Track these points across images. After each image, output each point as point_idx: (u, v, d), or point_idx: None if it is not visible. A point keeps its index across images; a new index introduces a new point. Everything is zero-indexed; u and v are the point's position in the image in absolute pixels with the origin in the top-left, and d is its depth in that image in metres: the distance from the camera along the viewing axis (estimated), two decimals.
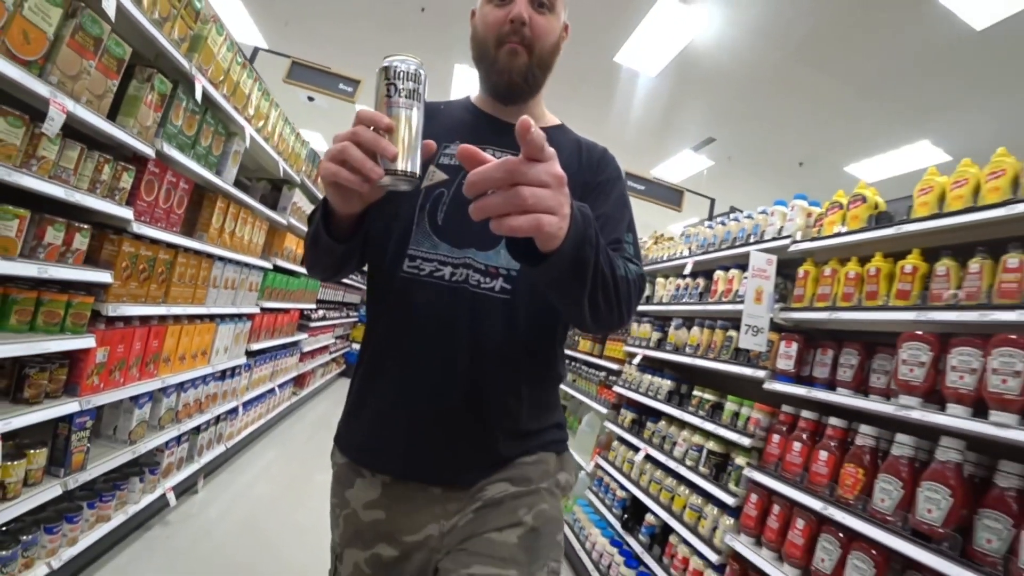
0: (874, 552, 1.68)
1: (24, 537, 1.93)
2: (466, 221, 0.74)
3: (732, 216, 3.11)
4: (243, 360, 3.71)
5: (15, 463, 1.78)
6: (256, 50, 5.05)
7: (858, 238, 2.00)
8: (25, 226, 1.56)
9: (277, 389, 4.91)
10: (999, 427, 1.41)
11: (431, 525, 1.00)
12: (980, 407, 1.51)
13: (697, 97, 6.95)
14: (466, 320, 0.99)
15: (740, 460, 2.32)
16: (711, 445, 2.53)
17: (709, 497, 2.47)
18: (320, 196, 3.87)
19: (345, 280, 7.81)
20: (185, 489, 3.26)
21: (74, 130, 1.69)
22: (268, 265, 3.78)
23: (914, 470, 1.64)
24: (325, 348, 7.15)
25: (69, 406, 1.94)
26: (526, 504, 1.00)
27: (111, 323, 2.14)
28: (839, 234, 2.11)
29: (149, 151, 2.01)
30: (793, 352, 2.16)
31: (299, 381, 5.96)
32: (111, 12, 1.58)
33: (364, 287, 8.48)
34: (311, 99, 8.02)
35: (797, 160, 8.29)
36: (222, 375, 3.46)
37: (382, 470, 1.04)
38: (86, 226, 1.83)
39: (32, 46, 1.43)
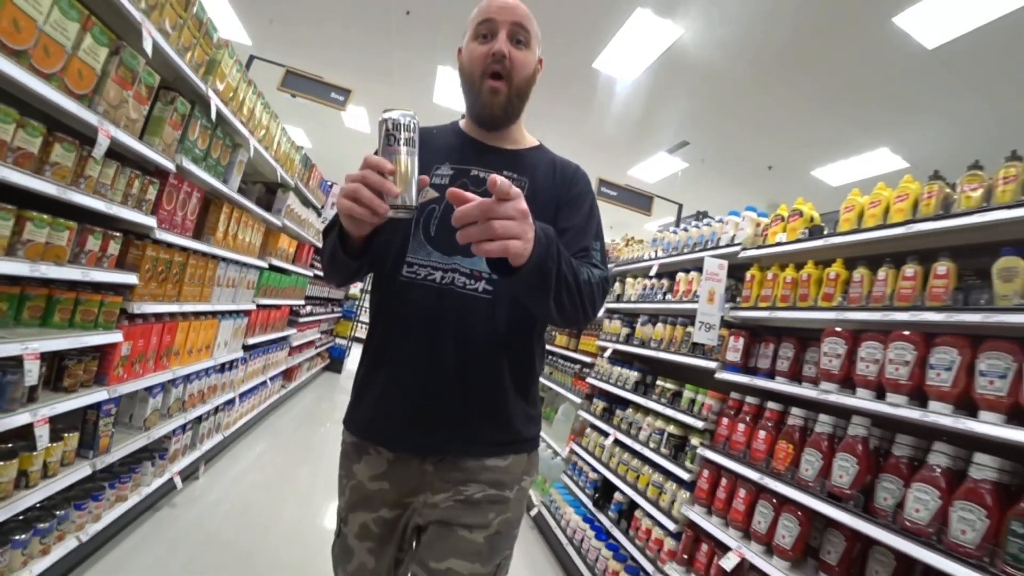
0: (800, 513, 2.00)
1: (58, 512, 2.15)
2: (454, 232, 0.97)
3: (696, 223, 3.42)
4: (240, 354, 3.93)
5: (55, 445, 2.01)
6: (252, 58, 5.21)
7: (793, 248, 2.32)
8: (73, 236, 1.79)
9: (268, 382, 5.12)
10: (893, 407, 1.73)
11: (422, 495, 1.21)
12: (881, 391, 1.83)
13: (671, 102, 7.25)
14: (453, 316, 1.17)
15: (695, 441, 2.64)
16: (671, 429, 2.85)
17: (669, 474, 2.78)
18: (311, 198, 4.08)
19: None
20: (189, 475, 3.48)
21: (111, 150, 1.91)
22: (264, 264, 4.00)
23: (832, 444, 1.96)
24: (311, 343, 7.34)
25: (99, 394, 2.17)
26: (495, 511, 1.19)
27: (133, 320, 2.37)
28: (779, 243, 2.43)
29: (171, 166, 2.24)
30: (740, 346, 2.48)
31: (288, 375, 6.16)
32: (148, 49, 1.81)
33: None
34: (294, 96, 8.19)
35: (766, 164, 8.65)
36: (222, 368, 3.68)
37: (387, 447, 1.22)
38: (118, 234, 2.06)
39: (84, 82, 1.66)
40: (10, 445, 1.87)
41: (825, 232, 2.28)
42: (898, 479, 1.72)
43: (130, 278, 2.17)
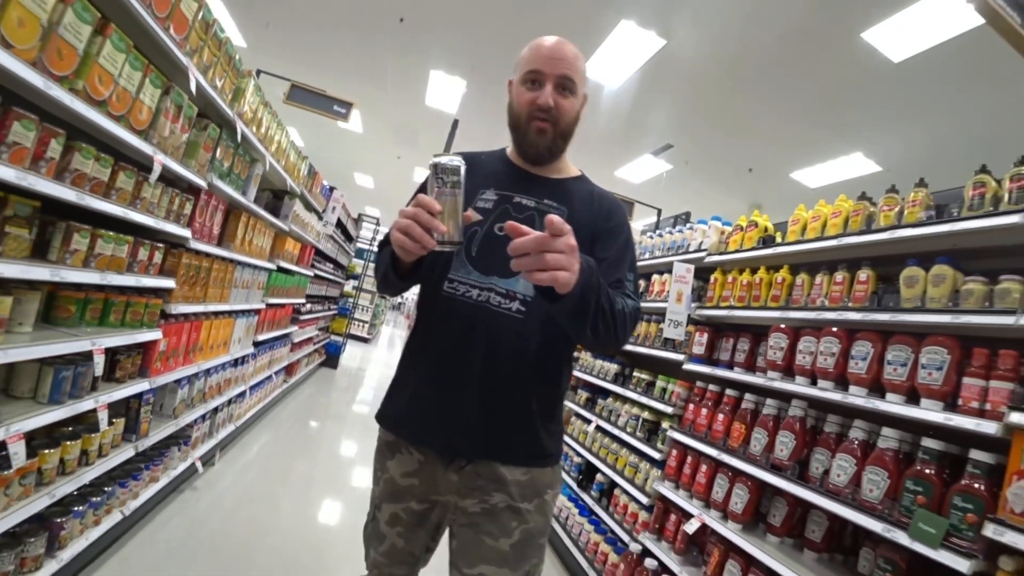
0: (749, 483, 2.35)
1: (106, 489, 2.45)
2: (493, 254, 1.16)
3: (670, 229, 3.76)
4: (251, 349, 4.23)
5: (108, 428, 2.31)
6: (258, 72, 5.48)
7: (748, 255, 2.67)
8: (130, 249, 2.09)
9: (273, 376, 5.42)
10: (823, 391, 2.08)
11: (450, 495, 1.31)
12: (814, 378, 2.17)
13: (655, 107, 7.58)
14: (485, 332, 1.25)
15: (665, 424, 2.98)
16: (645, 415, 3.19)
17: (643, 455, 3.13)
18: (313, 203, 4.42)
19: (328, 276, 8.28)
20: (206, 461, 3.77)
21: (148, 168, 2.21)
22: (273, 266, 4.30)
23: (776, 423, 2.30)
24: (310, 340, 7.63)
25: (142, 385, 2.47)
26: (517, 520, 1.27)
27: (168, 319, 2.66)
28: (738, 251, 2.77)
29: (203, 184, 2.54)
30: (704, 340, 2.82)
31: (289, 369, 6.46)
32: (193, 88, 2.12)
33: (342, 282, 8.95)
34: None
35: (747, 166, 8.99)
36: (235, 362, 3.98)
37: (415, 446, 1.32)
38: (161, 244, 2.36)
39: (143, 119, 1.96)
40: (71, 428, 2.17)
41: (776, 241, 2.63)
42: (827, 451, 2.07)
43: (169, 283, 2.48)
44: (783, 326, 2.35)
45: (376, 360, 12.77)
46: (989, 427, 1.50)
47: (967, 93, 5.58)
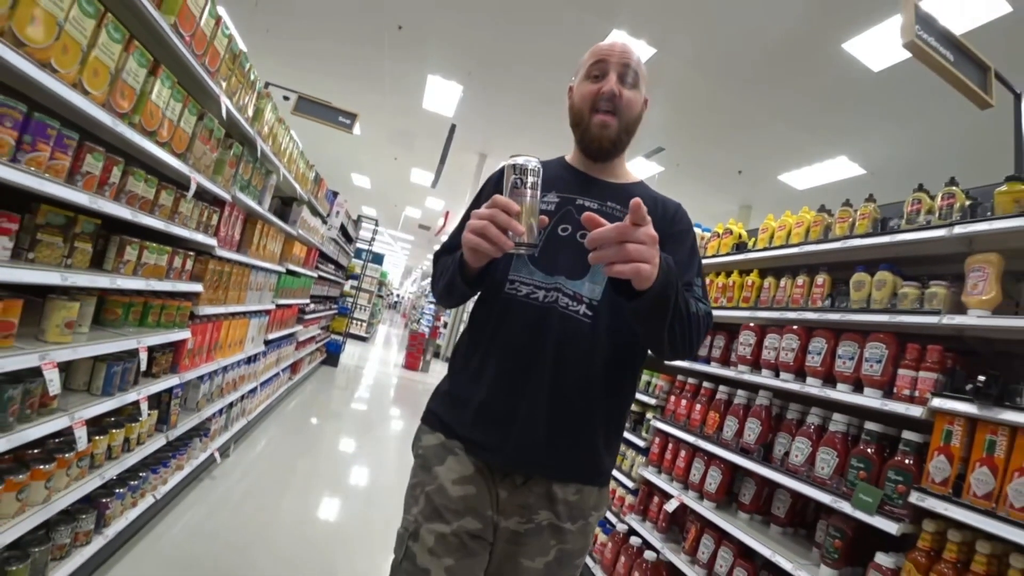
0: (722, 465, 2.62)
1: (141, 474, 2.70)
2: (557, 255, 1.12)
3: None
4: (262, 348, 4.48)
5: (146, 419, 2.56)
6: (267, 84, 5.72)
7: (723, 260, 2.94)
8: (169, 258, 2.34)
9: (280, 373, 5.67)
10: (784, 382, 2.35)
11: (495, 513, 1.20)
12: (777, 371, 2.44)
13: (647, 111, 7.86)
14: (554, 335, 1.18)
15: (650, 415, 3.25)
16: (633, 407, 3.46)
17: (630, 444, 3.40)
18: (318, 208, 4.68)
19: (330, 277, 8.52)
20: (223, 452, 4.03)
21: (184, 186, 2.47)
22: (282, 269, 4.54)
23: (745, 412, 2.57)
24: (312, 338, 7.88)
25: (173, 380, 2.72)
26: (556, 539, 1.20)
27: (195, 320, 2.91)
28: (715, 255, 3.04)
29: (228, 197, 2.80)
30: None
31: (294, 367, 6.70)
32: (224, 115, 2.37)
33: (341, 281, 9.17)
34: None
35: (736, 169, 9.28)
36: (248, 360, 4.23)
37: (477, 456, 1.21)
38: (192, 252, 2.61)
39: (182, 143, 2.21)
40: (113, 418, 2.42)
41: (747, 248, 2.90)
42: (788, 435, 2.34)
43: (198, 287, 2.73)
44: (752, 324, 2.62)
45: (374, 358, 13.03)
46: (916, 411, 1.77)
47: (942, 101, 5.85)
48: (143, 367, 2.24)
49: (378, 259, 15.56)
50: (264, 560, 2.88)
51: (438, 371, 12.09)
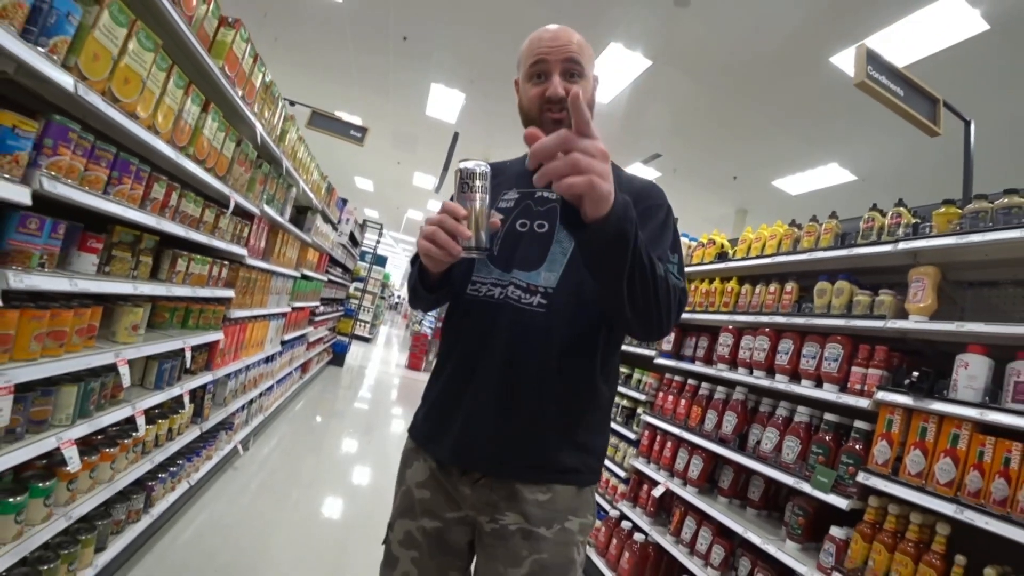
0: (704, 454, 2.90)
1: (179, 462, 2.99)
2: (513, 250, 1.11)
3: None
4: (279, 348, 4.77)
5: (183, 411, 2.84)
6: (292, 103, 6.01)
7: (707, 268, 3.23)
8: (209, 268, 2.64)
9: (293, 372, 5.96)
10: (757, 379, 2.63)
11: (468, 510, 1.19)
12: (751, 369, 2.73)
13: (644, 120, 8.11)
14: (505, 330, 1.16)
15: (640, 410, 3.54)
16: (624, 403, 3.75)
17: (622, 437, 3.68)
18: (330, 216, 5.01)
19: (339, 280, 8.81)
20: (244, 445, 4.31)
21: (223, 204, 2.76)
22: (298, 274, 4.84)
23: (724, 406, 2.86)
24: (321, 339, 8.17)
25: (208, 377, 3.01)
26: (527, 548, 1.12)
27: (226, 323, 3.20)
28: (700, 264, 3.33)
29: (257, 211, 3.09)
30: (672, 339, 3.38)
31: (304, 367, 6.99)
32: (259, 140, 2.66)
33: (347, 283, 9.49)
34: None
35: (732, 174, 9.55)
36: (267, 359, 4.52)
37: (432, 455, 1.22)
38: (226, 262, 2.90)
39: (222, 167, 2.50)
40: (158, 410, 2.71)
41: (728, 257, 3.19)
42: (760, 426, 2.63)
43: (230, 293, 3.02)
44: (730, 327, 2.91)
45: (377, 359, 13.32)
46: (864, 403, 2.06)
47: None
48: (188, 364, 2.52)
49: (381, 261, 15.88)
50: (277, 549, 3.16)
51: None
